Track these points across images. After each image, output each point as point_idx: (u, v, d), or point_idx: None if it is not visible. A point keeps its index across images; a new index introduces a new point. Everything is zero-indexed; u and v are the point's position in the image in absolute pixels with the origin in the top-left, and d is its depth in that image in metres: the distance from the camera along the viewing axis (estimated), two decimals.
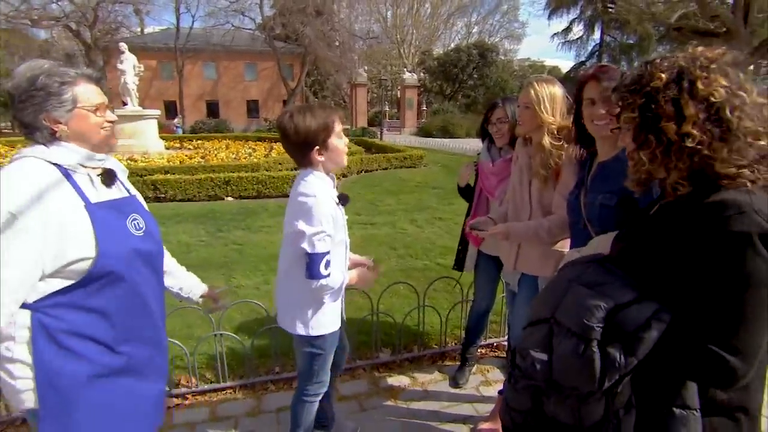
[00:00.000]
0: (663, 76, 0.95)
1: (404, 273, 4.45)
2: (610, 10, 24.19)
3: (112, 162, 1.32)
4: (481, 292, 2.64)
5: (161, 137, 14.48)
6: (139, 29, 33.64)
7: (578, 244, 1.67)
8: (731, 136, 0.90)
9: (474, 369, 2.75)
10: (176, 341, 2.35)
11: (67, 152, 1.18)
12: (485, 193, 2.48)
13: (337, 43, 30.23)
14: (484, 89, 40.19)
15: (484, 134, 2.44)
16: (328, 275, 1.58)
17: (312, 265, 1.54)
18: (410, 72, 33.66)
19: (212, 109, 31.98)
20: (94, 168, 1.24)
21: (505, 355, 2.92)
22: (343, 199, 1.69)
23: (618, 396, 0.94)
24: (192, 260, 4.62)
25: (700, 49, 0.98)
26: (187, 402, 2.48)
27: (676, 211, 0.97)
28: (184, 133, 23.26)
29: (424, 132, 27.34)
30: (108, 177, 1.26)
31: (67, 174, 1.16)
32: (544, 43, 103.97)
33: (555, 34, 38.40)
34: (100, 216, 1.18)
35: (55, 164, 1.16)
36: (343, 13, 34.56)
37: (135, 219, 1.28)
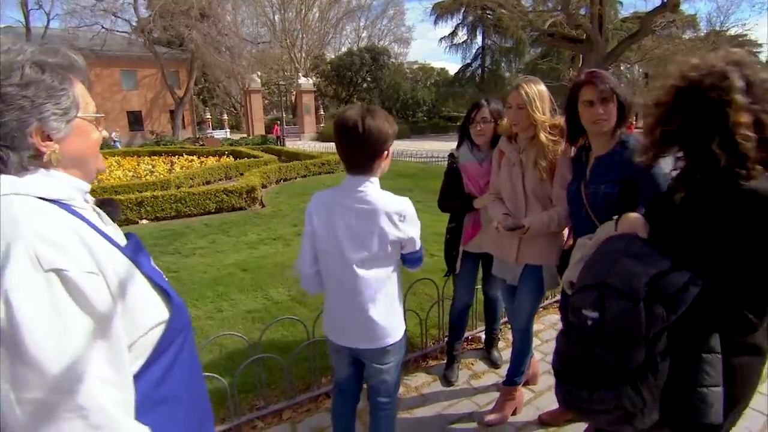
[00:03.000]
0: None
1: None
2: (488, 16, 26.57)
3: None
4: (462, 289, 2.70)
5: None
6: None
7: (581, 231, 1.81)
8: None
9: (460, 365, 2.81)
10: None
11: (64, 183, 0.81)
12: (475, 195, 2.44)
13: (224, 48, 28.67)
14: (378, 92, 41.31)
15: (464, 134, 2.44)
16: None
17: (419, 255, 1.67)
18: (305, 77, 33.22)
19: None
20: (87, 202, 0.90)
21: (482, 346, 3.03)
22: None
23: (657, 345, 1.14)
24: None
25: None
26: None
27: (710, 198, 1.14)
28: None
29: (324, 137, 26.97)
30: (115, 210, 0.95)
31: (76, 213, 0.80)
32: (433, 46, 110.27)
33: (442, 38, 41.15)
34: (145, 263, 0.87)
35: (50, 201, 0.77)
36: (229, 16, 32.86)
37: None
